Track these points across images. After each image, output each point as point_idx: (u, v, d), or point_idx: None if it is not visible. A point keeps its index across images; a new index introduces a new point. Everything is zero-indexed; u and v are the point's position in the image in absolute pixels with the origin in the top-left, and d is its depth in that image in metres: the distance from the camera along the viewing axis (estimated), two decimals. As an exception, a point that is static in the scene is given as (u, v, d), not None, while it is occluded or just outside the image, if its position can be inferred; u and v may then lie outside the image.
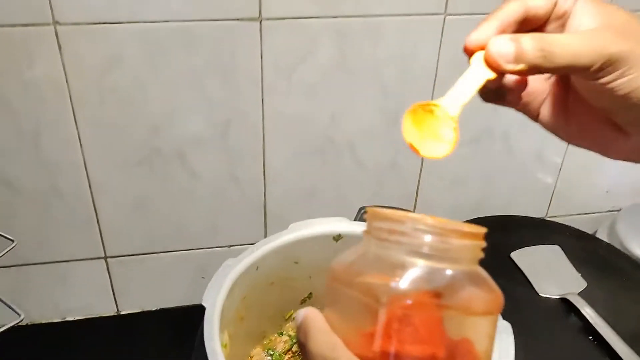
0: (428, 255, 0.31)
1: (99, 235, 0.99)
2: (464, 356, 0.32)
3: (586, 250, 1.03)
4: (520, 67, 0.35)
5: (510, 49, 0.34)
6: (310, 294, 0.78)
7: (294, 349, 0.75)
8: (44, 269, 1.00)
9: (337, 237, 0.73)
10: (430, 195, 1.08)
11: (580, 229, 1.08)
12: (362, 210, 0.78)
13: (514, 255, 1.00)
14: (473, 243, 0.33)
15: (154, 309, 1.10)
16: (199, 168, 0.96)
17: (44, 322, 1.06)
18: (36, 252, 0.99)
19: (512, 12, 0.37)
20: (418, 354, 0.31)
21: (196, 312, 0.62)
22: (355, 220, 0.78)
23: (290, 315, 0.78)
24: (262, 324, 0.75)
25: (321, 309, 0.76)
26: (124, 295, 1.07)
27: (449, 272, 0.32)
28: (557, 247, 1.02)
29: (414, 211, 1.08)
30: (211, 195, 0.99)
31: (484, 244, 0.33)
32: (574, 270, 0.97)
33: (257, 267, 0.68)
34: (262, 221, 1.04)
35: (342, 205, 1.05)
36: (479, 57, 0.37)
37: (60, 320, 1.07)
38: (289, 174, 1.00)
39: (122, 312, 1.09)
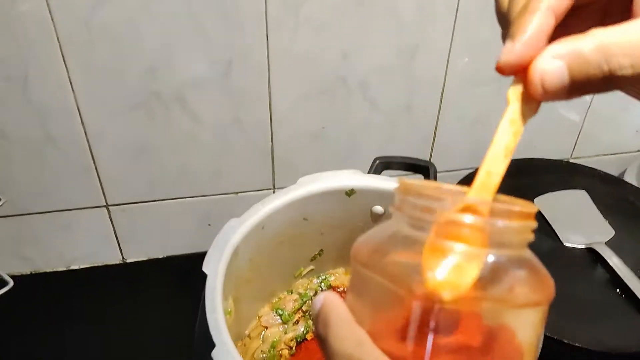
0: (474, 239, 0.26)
1: (99, 183, 0.94)
2: (502, 347, 0.27)
3: (614, 195, 0.96)
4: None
5: (565, 75, 0.26)
6: (321, 250, 0.73)
7: (304, 307, 0.72)
8: (45, 218, 0.97)
9: (350, 192, 0.67)
10: (448, 137, 1.01)
11: (606, 170, 1.02)
12: (377, 162, 0.72)
13: (537, 201, 0.94)
14: (523, 224, 0.28)
15: (160, 257, 1.07)
16: (201, 112, 0.90)
17: (49, 270, 1.04)
18: (35, 201, 0.94)
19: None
20: (455, 351, 0.26)
21: (202, 260, 0.57)
22: (369, 172, 0.72)
23: (300, 273, 0.74)
24: (270, 283, 0.71)
25: (333, 267, 0.71)
26: (129, 244, 1.04)
27: (493, 258, 0.27)
28: (583, 192, 0.96)
29: (430, 156, 1.02)
30: (214, 140, 0.93)
31: (535, 224, 0.28)
32: (601, 217, 0.92)
33: (263, 227, 0.63)
34: (270, 166, 0.98)
35: (354, 150, 0.99)
36: (516, 92, 0.29)
37: (65, 269, 1.04)
38: (296, 117, 0.93)
39: (128, 260, 1.06)
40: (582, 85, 0.26)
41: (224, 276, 0.56)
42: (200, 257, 0.59)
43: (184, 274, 1.03)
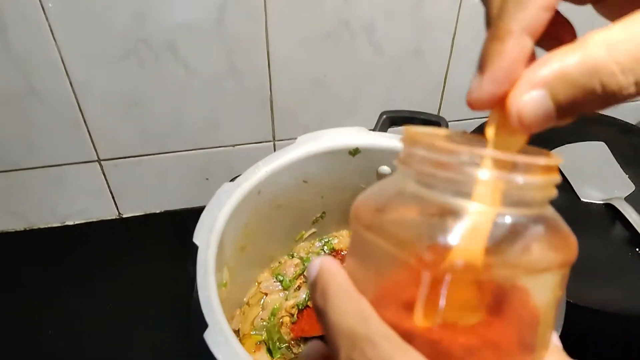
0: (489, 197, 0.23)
1: (89, 137, 0.89)
2: (515, 310, 0.24)
3: (635, 146, 0.91)
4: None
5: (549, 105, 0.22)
6: (324, 213, 0.69)
7: (306, 273, 0.68)
8: (35, 174, 0.92)
9: (354, 151, 0.62)
10: (459, 84, 0.94)
11: (626, 119, 0.96)
12: (383, 117, 0.66)
13: (555, 153, 0.89)
14: (546, 179, 0.24)
15: (157, 212, 1.03)
16: (193, 60, 0.83)
17: (42, 226, 1.00)
18: (24, 156, 0.90)
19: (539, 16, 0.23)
20: (468, 323, 0.23)
21: (200, 215, 0.54)
22: (375, 129, 0.66)
23: (301, 237, 0.69)
24: (269, 248, 0.67)
25: (336, 229, 0.66)
26: (124, 199, 1.00)
27: (512, 218, 0.23)
28: (601, 144, 0.90)
29: (440, 105, 0.96)
30: (209, 90, 0.87)
31: (559, 178, 0.24)
32: (620, 171, 0.87)
33: (260, 191, 0.58)
34: (269, 117, 0.93)
35: (358, 99, 0.92)
36: (495, 125, 0.25)
37: (60, 225, 1.01)
38: (296, 64, 0.87)
39: (124, 216, 1.02)
40: (572, 109, 0.22)
41: (216, 248, 0.51)
42: (198, 212, 0.55)
43: (181, 229, 0.98)
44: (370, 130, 0.63)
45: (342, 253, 0.70)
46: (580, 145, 0.90)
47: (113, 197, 0.99)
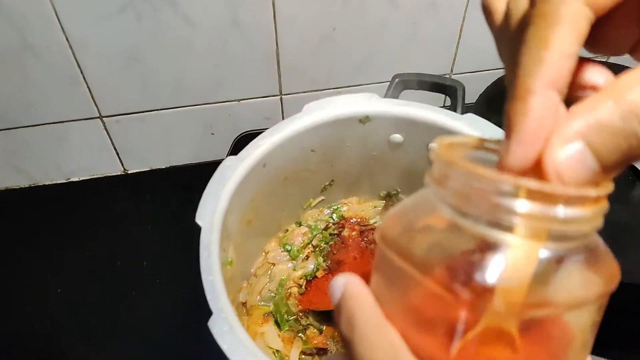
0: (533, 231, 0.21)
1: (89, 94, 0.86)
2: (551, 335, 0.23)
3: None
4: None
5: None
6: (332, 181, 0.66)
7: (314, 242, 0.66)
8: (36, 131, 0.90)
9: (365, 119, 0.59)
10: (475, 36, 0.89)
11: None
12: (396, 80, 0.63)
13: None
14: (596, 210, 0.21)
15: (162, 167, 1.01)
16: (195, 13, 0.79)
17: (48, 183, 0.99)
18: (24, 114, 0.87)
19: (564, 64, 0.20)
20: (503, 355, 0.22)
21: (207, 170, 0.53)
22: (387, 93, 0.62)
23: (310, 204, 0.67)
24: (276, 217, 0.65)
25: (345, 196, 0.64)
26: (129, 155, 0.98)
27: (555, 252, 0.21)
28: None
29: (454, 57, 0.91)
30: (212, 45, 0.83)
31: (607, 206, 0.23)
32: None
33: (265, 164, 0.56)
34: (276, 72, 0.89)
35: (369, 56, 0.88)
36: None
37: (65, 181, 0.99)
38: (304, 17, 0.82)
39: (130, 172, 1.00)
40: (616, 159, 0.19)
41: (220, 229, 0.49)
42: (205, 167, 0.53)
43: (187, 184, 0.97)
44: (380, 97, 0.59)
45: (351, 221, 0.68)
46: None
47: (117, 154, 0.97)
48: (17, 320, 0.81)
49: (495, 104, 0.83)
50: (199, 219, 0.50)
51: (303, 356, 0.60)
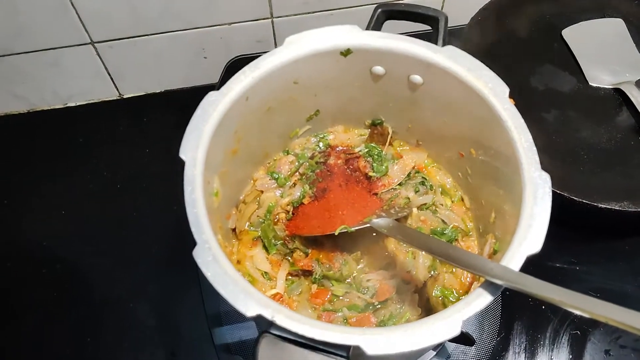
0: None
1: (78, 19, 0.86)
2: None
3: (656, 23, 0.85)
4: None
5: None
6: (317, 111, 0.67)
7: (301, 170, 0.68)
8: (29, 58, 0.91)
9: (346, 52, 0.59)
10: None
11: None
12: (378, 11, 0.62)
13: (567, 32, 0.84)
14: None
15: (157, 91, 1.02)
16: None
17: (46, 108, 1.01)
18: (15, 41, 0.88)
19: None
20: None
21: (201, 94, 0.54)
22: (369, 24, 0.62)
23: (296, 134, 0.69)
24: (263, 146, 0.66)
25: (331, 125, 0.66)
26: (123, 79, 0.99)
27: None
28: (619, 21, 0.84)
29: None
30: (200, -33, 0.82)
31: None
32: (635, 52, 0.82)
33: (247, 98, 0.57)
34: (266, -7, 0.87)
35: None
36: None
37: (62, 106, 1.01)
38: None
39: (125, 96, 1.02)
40: None
41: (203, 163, 0.51)
42: (199, 90, 0.55)
43: (183, 107, 0.97)
44: (362, 29, 0.59)
45: (337, 149, 0.69)
46: (595, 23, 0.84)
47: (112, 79, 0.98)
48: (26, 241, 0.85)
49: (487, 27, 0.83)
50: (183, 154, 0.52)
51: (289, 277, 0.64)
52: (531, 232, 0.47)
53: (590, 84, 0.80)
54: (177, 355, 0.75)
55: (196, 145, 0.52)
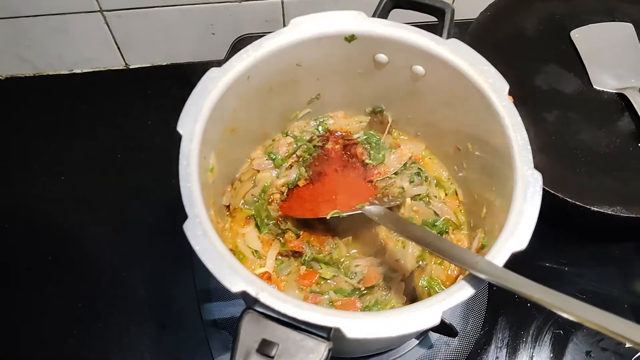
0: None
1: (88, -14, 0.86)
2: None
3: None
4: None
5: None
6: (319, 94, 0.67)
7: (299, 152, 0.69)
8: (38, 22, 0.91)
9: (351, 38, 0.59)
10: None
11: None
12: (385, 0, 0.62)
13: (575, 33, 0.84)
14: None
15: (164, 64, 1.02)
16: None
17: (52, 73, 1.01)
18: (26, 4, 0.88)
19: None
20: None
21: (207, 69, 0.54)
22: (375, 12, 0.62)
23: (296, 116, 0.69)
24: (262, 126, 0.67)
25: (332, 110, 0.66)
26: (130, 50, 0.99)
27: None
28: (629, 26, 0.84)
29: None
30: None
31: None
32: (642, 58, 0.82)
33: (249, 77, 0.57)
34: (278, -27, 0.87)
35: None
36: None
37: (68, 72, 1.01)
38: None
39: (131, 66, 1.02)
40: None
41: (201, 138, 0.52)
42: (205, 65, 0.54)
43: (188, 81, 0.98)
44: (368, 16, 0.59)
45: (336, 134, 0.70)
46: (604, 26, 0.84)
47: (119, 48, 0.98)
48: (23, 205, 0.86)
49: (496, 22, 0.82)
50: (180, 128, 0.52)
51: (279, 257, 0.65)
52: (518, 229, 0.47)
53: (594, 86, 0.80)
54: (166, 327, 0.76)
55: (194, 120, 0.53)
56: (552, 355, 0.72)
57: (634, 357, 0.71)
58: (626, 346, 0.71)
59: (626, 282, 0.77)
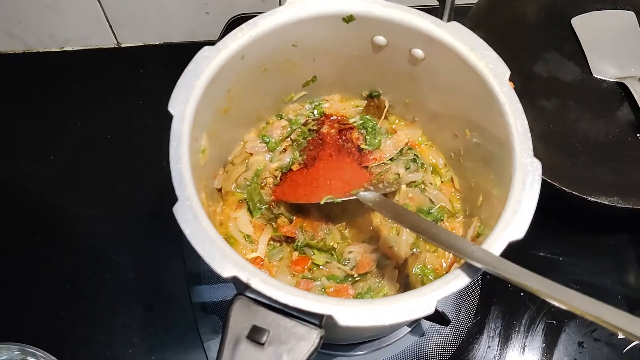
0: None
1: (80, -39, 0.83)
2: None
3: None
4: None
5: None
6: (315, 77, 0.66)
7: (293, 136, 0.67)
8: (27, -4, 0.89)
9: (349, 18, 0.57)
10: None
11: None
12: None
13: (576, 21, 0.82)
14: None
15: (156, 44, 1.00)
16: None
17: (42, 50, 0.99)
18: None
19: None
20: None
21: (200, 49, 0.53)
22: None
23: (291, 98, 0.67)
24: (256, 108, 0.65)
25: (328, 93, 0.65)
26: (123, 28, 0.97)
27: None
28: (631, 14, 0.83)
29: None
30: None
31: None
32: (643, 47, 0.80)
33: (243, 56, 0.55)
34: (274, -47, 0.85)
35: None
36: None
37: (59, 50, 0.99)
38: None
39: (123, 45, 1.00)
40: None
41: (192, 118, 0.51)
42: (198, 46, 0.53)
43: (180, 62, 0.96)
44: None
45: (331, 118, 0.68)
46: (606, 14, 0.82)
47: (111, 26, 0.96)
48: (11, 183, 0.85)
49: (497, 7, 0.81)
50: (171, 108, 0.51)
51: (272, 242, 0.64)
52: (516, 218, 0.46)
53: (594, 75, 0.79)
54: (154, 310, 0.75)
55: (186, 100, 0.51)
56: (544, 345, 0.72)
57: (627, 348, 0.71)
58: (619, 337, 0.71)
59: (620, 273, 0.76)
